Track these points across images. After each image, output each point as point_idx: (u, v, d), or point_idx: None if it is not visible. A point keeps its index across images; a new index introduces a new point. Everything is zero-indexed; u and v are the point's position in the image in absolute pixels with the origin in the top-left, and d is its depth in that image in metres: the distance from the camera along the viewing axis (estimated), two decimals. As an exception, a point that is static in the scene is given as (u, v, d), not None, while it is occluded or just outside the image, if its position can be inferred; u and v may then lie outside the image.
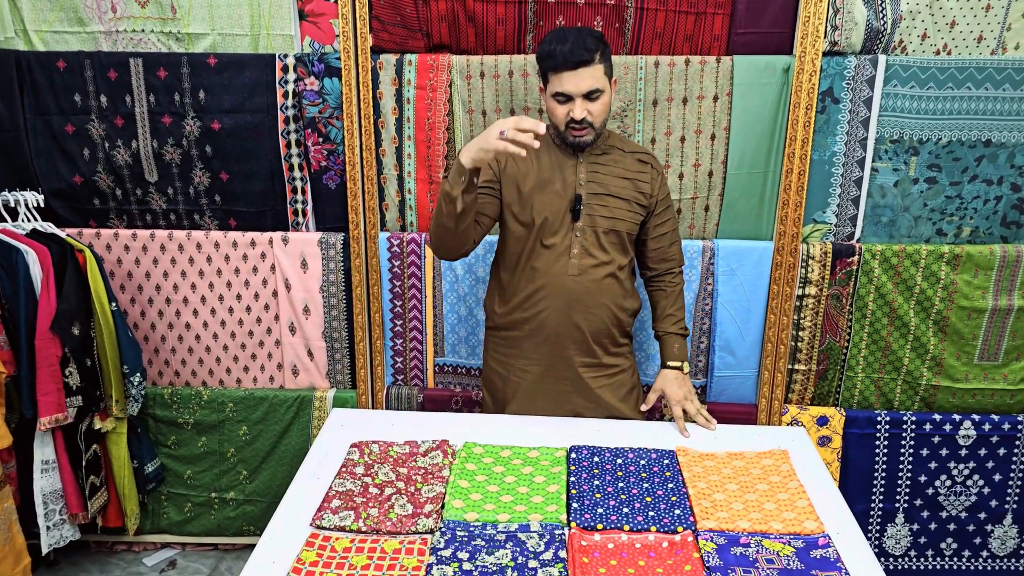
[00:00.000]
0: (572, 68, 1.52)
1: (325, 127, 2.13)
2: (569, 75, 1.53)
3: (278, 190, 2.19)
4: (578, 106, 1.55)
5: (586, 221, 1.66)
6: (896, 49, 1.96)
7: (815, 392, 2.19)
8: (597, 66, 1.54)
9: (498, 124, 1.40)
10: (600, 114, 1.58)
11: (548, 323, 1.70)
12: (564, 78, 1.54)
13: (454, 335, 2.25)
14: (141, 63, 2.10)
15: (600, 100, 1.57)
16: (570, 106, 1.57)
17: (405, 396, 2.27)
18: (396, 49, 2.08)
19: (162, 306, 2.28)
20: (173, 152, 2.17)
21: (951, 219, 2.05)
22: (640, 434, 1.69)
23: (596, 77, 1.54)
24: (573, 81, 1.53)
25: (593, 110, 1.56)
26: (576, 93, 1.54)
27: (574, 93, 1.54)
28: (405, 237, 2.18)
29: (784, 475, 1.52)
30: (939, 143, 1.98)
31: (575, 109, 1.56)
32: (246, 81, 2.10)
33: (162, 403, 2.31)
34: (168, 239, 2.22)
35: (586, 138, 1.60)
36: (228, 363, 2.32)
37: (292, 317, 2.24)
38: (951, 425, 2.13)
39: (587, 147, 1.64)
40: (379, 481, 1.47)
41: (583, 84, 1.54)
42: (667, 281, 1.77)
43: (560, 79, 1.55)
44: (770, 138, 2.01)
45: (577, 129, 1.58)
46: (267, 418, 2.28)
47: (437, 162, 2.12)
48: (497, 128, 1.40)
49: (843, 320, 2.11)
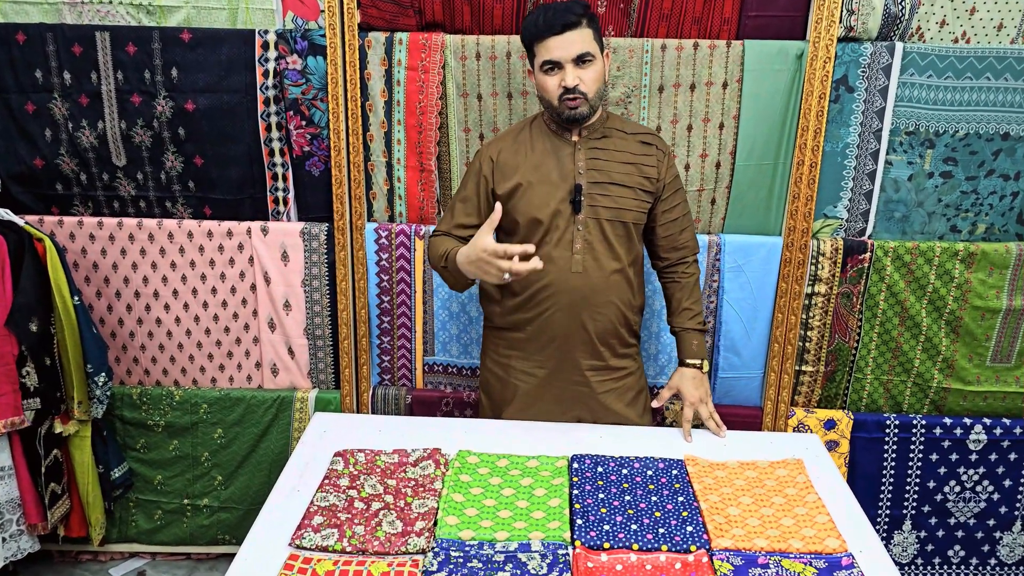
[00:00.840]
0: (558, 32, 1.43)
1: (308, 109, 1.99)
2: (556, 40, 1.44)
3: (257, 176, 2.05)
4: (569, 72, 1.45)
5: (588, 213, 1.54)
6: (913, 36, 1.87)
7: (822, 394, 2.10)
8: (585, 30, 1.45)
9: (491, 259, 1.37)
10: (593, 82, 1.47)
11: (553, 324, 1.59)
12: (550, 44, 1.45)
13: (445, 332, 2.12)
14: (108, 37, 1.95)
15: (592, 67, 1.46)
16: (560, 75, 1.46)
17: (392, 397, 2.15)
18: (386, 27, 1.94)
19: (130, 300, 2.13)
20: (143, 134, 2.01)
21: (966, 215, 1.96)
22: (645, 441, 1.58)
23: (585, 40, 1.45)
24: (560, 46, 1.44)
25: (585, 77, 1.46)
26: (565, 58, 1.45)
27: (563, 59, 1.45)
28: (393, 228, 2.05)
29: (800, 487, 1.43)
30: (956, 135, 1.90)
31: (566, 76, 1.45)
32: (222, 58, 1.95)
33: (130, 404, 2.16)
34: (137, 228, 2.07)
35: (581, 109, 1.48)
36: (202, 361, 2.17)
37: (272, 312, 2.10)
38: (962, 429, 2.05)
39: (583, 122, 1.52)
40: (365, 495, 1.34)
41: (572, 48, 1.44)
42: (680, 272, 1.66)
43: (546, 46, 1.45)
44: (781, 128, 1.91)
45: (571, 99, 1.47)
46: (244, 420, 2.14)
47: (428, 149, 1.99)
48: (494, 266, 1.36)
49: (853, 320, 2.02)
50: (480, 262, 1.39)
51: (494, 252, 1.36)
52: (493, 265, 1.36)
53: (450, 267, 1.50)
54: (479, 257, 1.38)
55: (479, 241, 1.39)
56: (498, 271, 1.37)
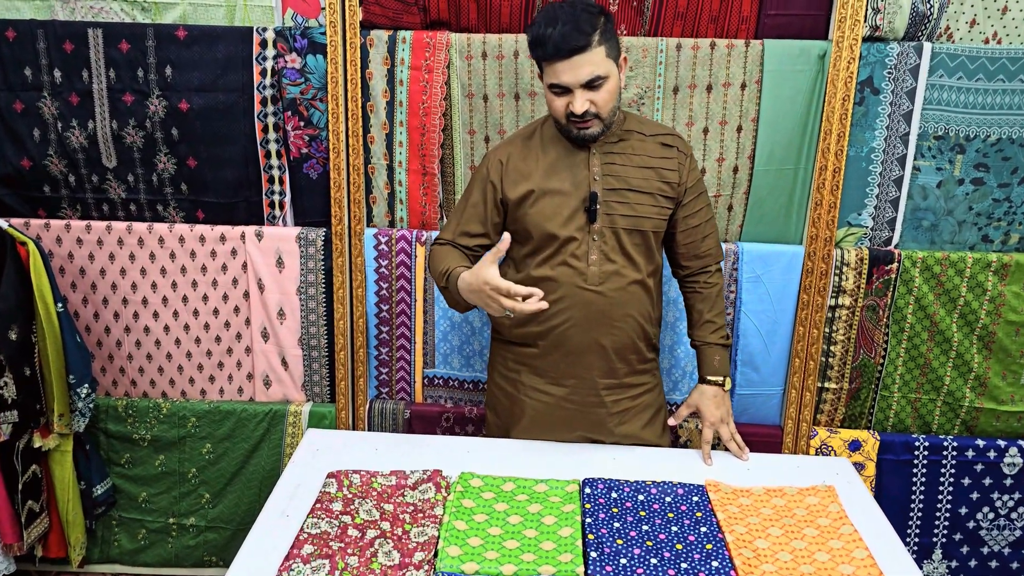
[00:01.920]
0: (566, 57, 1.31)
1: (307, 110, 1.90)
2: (564, 65, 1.32)
3: (252, 179, 1.96)
4: (578, 98, 1.34)
5: (604, 222, 1.44)
6: (942, 36, 1.78)
7: (846, 413, 1.98)
8: (596, 50, 1.32)
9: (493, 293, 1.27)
10: (606, 103, 1.36)
11: (567, 339, 1.48)
12: (558, 68, 1.33)
13: (446, 344, 2.02)
14: (101, 34, 1.87)
15: (604, 88, 1.35)
16: (568, 98, 1.35)
17: (390, 411, 2.04)
18: (389, 25, 1.86)
19: (118, 307, 2.03)
20: (135, 135, 1.93)
21: (998, 224, 1.86)
22: (662, 463, 1.47)
23: (596, 63, 1.32)
24: (569, 71, 1.32)
25: (597, 100, 1.35)
26: (574, 84, 1.33)
27: (571, 84, 1.33)
28: (394, 234, 1.95)
29: (834, 518, 1.31)
30: (987, 140, 1.80)
31: (575, 102, 1.34)
32: (219, 56, 1.87)
33: (115, 416, 2.05)
34: (126, 232, 1.98)
35: (592, 131, 1.39)
36: (191, 372, 2.06)
37: (265, 321, 2.00)
38: (995, 452, 1.93)
39: (596, 139, 1.42)
40: (360, 521, 1.23)
41: (581, 73, 1.32)
42: (703, 281, 1.55)
43: (554, 70, 1.33)
44: (802, 131, 1.82)
45: (580, 123, 1.37)
46: (234, 434, 2.03)
47: (432, 151, 1.90)
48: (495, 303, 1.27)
49: (879, 334, 1.91)
50: (481, 294, 1.29)
51: (496, 288, 1.26)
52: (495, 300, 1.27)
53: (451, 288, 1.40)
54: (480, 289, 1.29)
55: (482, 272, 1.28)
56: (499, 307, 1.27)
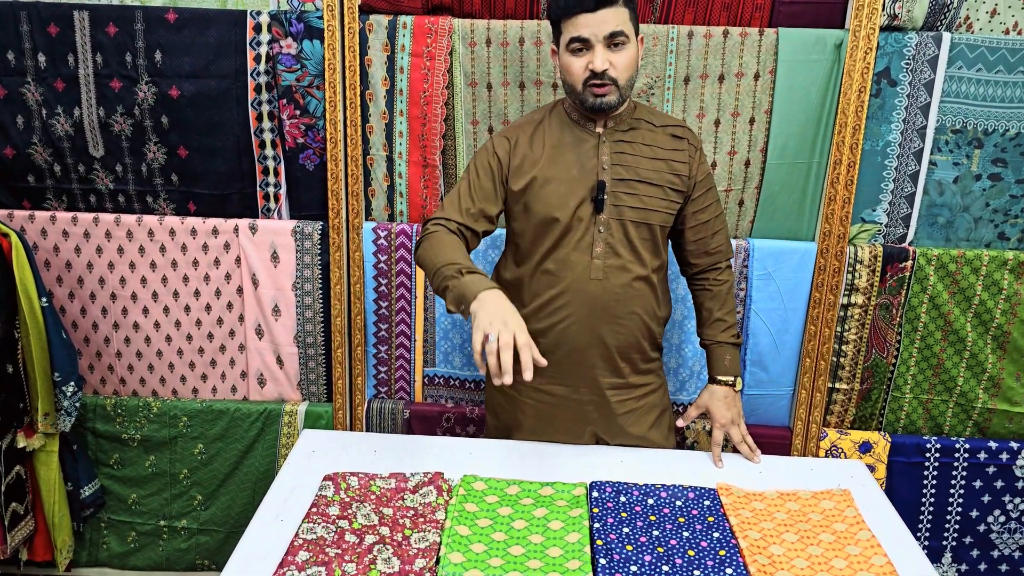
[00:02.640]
0: (591, 9, 1.26)
1: (303, 98, 1.83)
2: (588, 16, 1.26)
3: (246, 170, 1.89)
4: (599, 54, 1.28)
5: (611, 213, 1.38)
6: (961, 26, 1.72)
7: (856, 414, 1.93)
8: (621, 8, 1.27)
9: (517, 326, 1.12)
10: (626, 68, 1.30)
11: (569, 336, 1.42)
12: (581, 21, 1.27)
13: (447, 342, 1.96)
14: (87, 17, 1.79)
15: (625, 50, 1.29)
16: (589, 56, 1.29)
17: (389, 411, 1.98)
18: (389, 9, 1.79)
19: (106, 302, 1.96)
20: (123, 122, 1.85)
21: (1015, 221, 1.81)
22: (671, 466, 1.42)
23: (620, 19, 1.27)
24: (593, 23, 1.27)
25: (616, 61, 1.29)
26: (597, 36, 1.27)
27: (594, 37, 1.27)
28: (393, 228, 1.89)
29: (850, 522, 1.26)
30: (1006, 135, 1.75)
31: (595, 59, 1.28)
32: (211, 41, 1.79)
33: (104, 415, 1.98)
34: (114, 224, 1.90)
35: (610, 98, 1.31)
36: (183, 370, 2.00)
37: (259, 318, 1.94)
38: (1008, 454, 1.89)
39: (610, 112, 1.35)
40: (358, 526, 1.17)
41: (605, 26, 1.26)
42: (712, 279, 1.49)
43: (575, 23, 1.28)
44: (817, 124, 1.76)
45: (598, 85, 1.30)
46: (227, 434, 1.97)
47: (433, 142, 1.84)
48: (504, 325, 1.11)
49: (892, 334, 1.86)
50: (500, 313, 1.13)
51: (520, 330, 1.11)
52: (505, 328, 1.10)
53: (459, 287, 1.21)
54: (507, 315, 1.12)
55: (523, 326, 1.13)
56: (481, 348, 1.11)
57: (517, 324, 1.13)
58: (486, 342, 1.10)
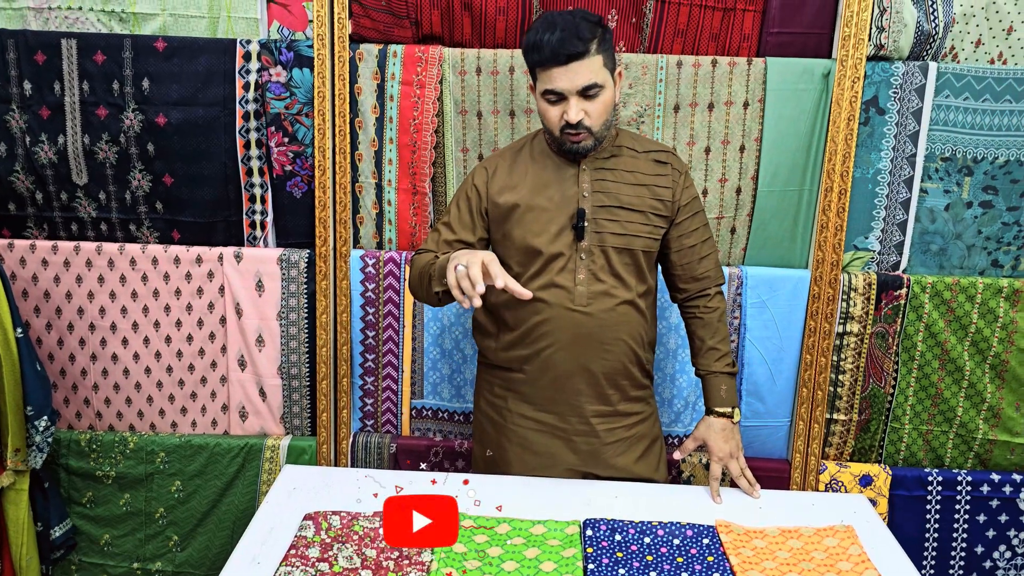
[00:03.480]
0: (563, 63, 1.25)
1: (292, 125, 1.81)
2: (560, 71, 1.26)
3: (233, 198, 1.86)
4: (572, 106, 1.28)
5: (592, 240, 1.36)
6: (947, 56, 1.74)
7: (855, 446, 1.89)
8: (594, 58, 1.27)
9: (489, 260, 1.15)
10: (600, 115, 1.30)
11: (555, 363, 1.38)
12: (554, 75, 1.27)
13: (435, 373, 1.91)
14: (75, 45, 1.78)
15: (599, 98, 1.29)
16: (563, 106, 1.29)
17: (375, 445, 1.91)
18: (379, 39, 1.79)
19: (84, 333, 1.90)
20: (108, 150, 1.83)
21: (1008, 249, 1.80)
22: (668, 502, 1.36)
23: (593, 71, 1.27)
24: (565, 77, 1.26)
25: (591, 110, 1.29)
26: (569, 91, 1.27)
27: (567, 91, 1.27)
28: (382, 256, 1.85)
29: (855, 561, 1.21)
30: (995, 162, 1.75)
31: (569, 110, 1.28)
32: (199, 69, 1.79)
33: (78, 451, 1.91)
34: (96, 253, 1.86)
35: (584, 144, 1.32)
36: (162, 403, 1.93)
37: (242, 349, 1.88)
38: (1011, 487, 1.84)
39: (588, 152, 1.35)
40: (339, 569, 1.10)
41: (577, 80, 1.26)
42: (702, 306, 1.46)
43: (550, 76, 1.28)
44: (806, 152, 1.76)
45: (573, 135, 1.30)
46: (206, 471, 1.89)
47: (423, 170, 1.82)
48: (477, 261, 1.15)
49: (889, 363, 1.83)
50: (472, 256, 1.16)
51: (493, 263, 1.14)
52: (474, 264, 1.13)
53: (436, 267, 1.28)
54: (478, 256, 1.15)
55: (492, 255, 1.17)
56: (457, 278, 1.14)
57: (489, 257, 1.15)
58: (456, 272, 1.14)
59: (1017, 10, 1.70)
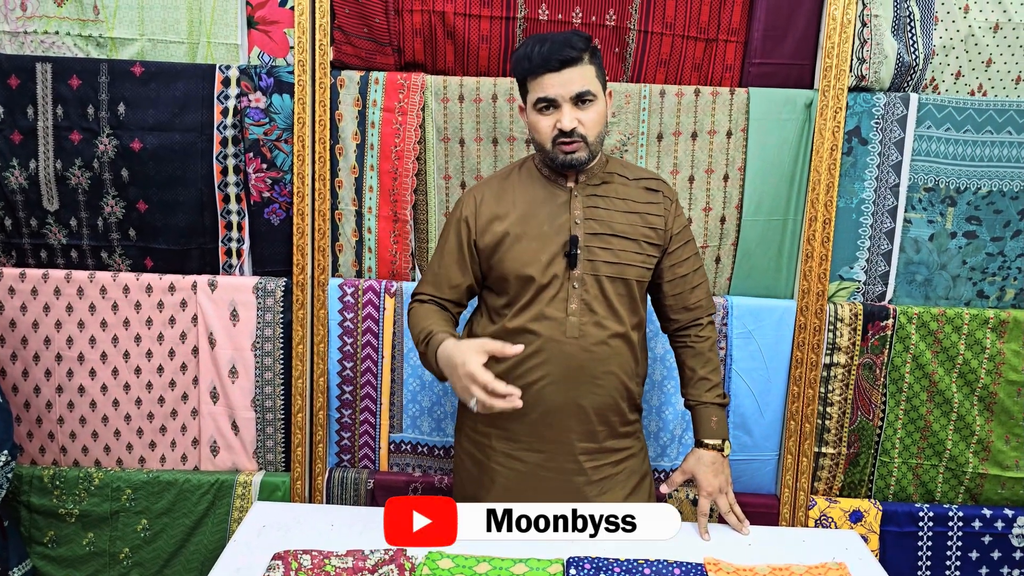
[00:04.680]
0: (556, 69, 1.24)
1: (271, 151, 1.78)
2: (553, 77, 1.25)
3: (208, 225, 1.82)
4: (566, 113, 1.26)
5: (585, 268, 1.33)
6: (928, 88, 1.75)
7: (844, 480, 1.85)
8: (587, 67, 1.26)
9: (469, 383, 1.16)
10: (594, 125, 1.28)
11: (545, 397, 1.33)
12: (546, 81, 1.26)
13: (415, 405, 1.85)
14: (50, 69, 1.75)
15: (593, 107, 1.27)
16: (556, 115, 1.27)
17: (352, 481, 1.84)
18: (361, 65, 1.78)
19: (50, 364, 1.83)
20: (80, 176, 1.79)
21: (993, 279, 1.80)
22: (655, 538, 1.31)
23: (586, 78, 1.26)
24: (559, 84, 1.25)
25: (585, 119, 1.27)
26: (563, 97, 1.26)
27: (560, 97, 1.26)
28: (361, 285, 1.81)
29: (850, 599, 1.16)
30: (978, 193, 1.75)
31: (563, 118, 1.26)
32: (177, 94, 1.76)
33: (40, 488, 1.83)
34: (65, 281, 1.81)
35: (579, 155, 1.29)
36: (130, 437, 1.86)
37: (215, 380, 1.82)
38: (1003, 522, 1.81)
39: (581, 169, 1.32)
40: (305, 615, 1.04)
41: (571, 85, 1.25)
42: (694, 335, 1.43)
43: (541, 83, 1.26)
44: (790, 181, 1.76)
45: (567, 143, 1.27)
46: (174, 508, 1.82)
47: (404, 197, 1.79)
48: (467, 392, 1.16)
49: (877, 395, 1.80)
50: (456, 374, 1.18)
51: (473, 378, 1.15)
52: (468, 389, 1.16)
53: (429, 354, 1.29)
54: (456, 370, 1.18)
55: (467, 355, 1.17)
56: (470, 395, 1.16)
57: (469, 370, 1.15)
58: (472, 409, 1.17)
59: (995, 43, 1.72)
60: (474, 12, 1.72)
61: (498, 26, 1.73)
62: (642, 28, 1.74)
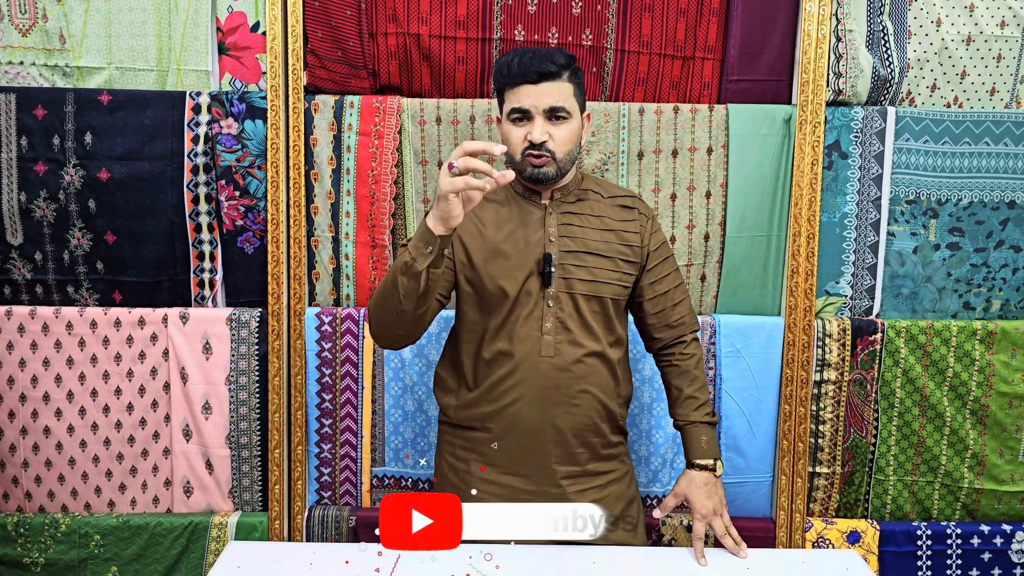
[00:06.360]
0: (533, 81, 1.23)
1: (244, 178, 1.74)
2: (529, 88, 1.24)
3: (179, 255, 1.76)
4: (538, 126, 1.24)
5: (559, 286, 1.29)
6: (904, 101, 1.76)
7: (840, 501, 1.81)
8: (564, 84, 1.25)
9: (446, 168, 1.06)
10: (564, 142, 1.26)
11: (521, 418, 1.29)
12: (522, 92, 1.24)
13: (398, 437, 1.79)
14: (14, 100, 1.71)
15: (566, 125, 1.26)
16: (529, 127, 1.25)
17: (332, 520, 1.77)
18: (336, 90, 1.75)
19: (14, 405, 1.75)
20: (46, 208, 1.73)
21: (978, 291, 1.79)
22: (648, 565, 1.26)
23: (563, 95, 1.25)
24: (534, 95, 1.24)
25: (556, 135, 1.25)
26: (536, 108, 1.24)
27: (534, 108, 1.24)
28: (339, 313, 1.76)
29: (855, 625, 1.11)
30: (959, 204, 1.75)
31: (534, 130, 1.24)
32: (146, 123, 1.71)
33: (3, 536, 1.73)
34: (29, 317, 1.73)
35: (547, 169, 1.26)
36: (98, 480, 1.77)
37: (188, 417, 1.75)
38: (1002, 538, 1.77)
39: (548, 184, 1.30)
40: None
41: (546, 99, 1.24)
42: (678, 354, 1.39)
43: (517, 93, 1.25)
44: (772, 197, 1.74)
45: (536, 156, 1.25)
46: (145, 554, 1.73)
47: (382, 221, 1.75)
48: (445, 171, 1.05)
49: (869, 411, 1.77)
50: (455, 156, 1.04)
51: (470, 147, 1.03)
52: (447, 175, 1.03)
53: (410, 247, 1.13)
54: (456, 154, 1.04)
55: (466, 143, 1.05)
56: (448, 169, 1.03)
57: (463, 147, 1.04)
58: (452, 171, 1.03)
59: (968, 55, 1.73)
60: (449, 34, 1.70)
61: (474, 47, 1.72)
62: (619, 47, 1.73)
